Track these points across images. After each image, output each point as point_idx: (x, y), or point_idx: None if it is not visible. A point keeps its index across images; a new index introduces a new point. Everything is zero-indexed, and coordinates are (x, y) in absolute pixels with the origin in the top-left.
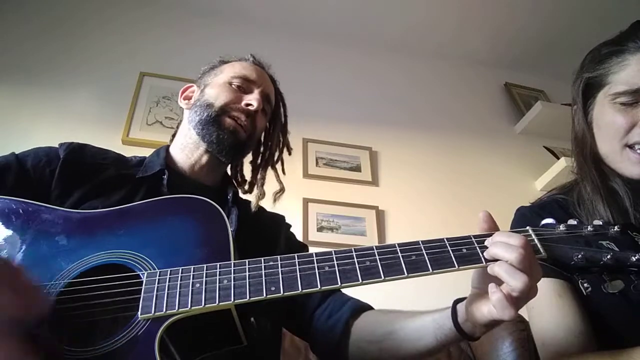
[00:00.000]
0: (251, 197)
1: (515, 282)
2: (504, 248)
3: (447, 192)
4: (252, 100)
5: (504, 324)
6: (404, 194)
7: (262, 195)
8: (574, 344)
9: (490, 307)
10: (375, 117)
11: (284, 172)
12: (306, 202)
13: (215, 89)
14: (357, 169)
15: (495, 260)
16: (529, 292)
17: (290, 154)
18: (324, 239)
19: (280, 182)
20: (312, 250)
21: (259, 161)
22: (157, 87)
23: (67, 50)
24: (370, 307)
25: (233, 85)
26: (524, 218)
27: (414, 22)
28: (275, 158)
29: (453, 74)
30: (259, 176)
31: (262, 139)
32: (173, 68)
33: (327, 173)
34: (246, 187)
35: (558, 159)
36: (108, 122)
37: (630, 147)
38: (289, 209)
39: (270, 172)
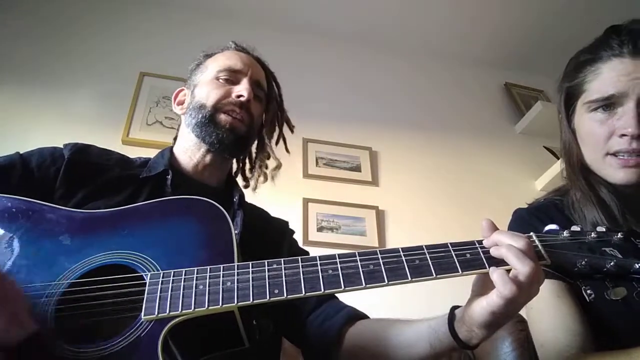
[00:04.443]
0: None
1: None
2: (518, 257)
3: (447, 192)
4: (242, 90)
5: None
6: (404, 194)
7: (262, 177)
8: (573, 344)
9: (489, 297)
10: (375, 117)
11: (287, 151)
12: (306, 202)
13: (204, 88)
14: (357, 169)
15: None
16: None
17: (292, 131)
18: (324, 239)
19: (277, 159)
20: (313, 250)
21: (257, 144)
22: (157, 87)
23: (68, 51)
24: (366, 316)
25: (220, 80)
26: (522, 220)
27: (414, 22)
28: (277, 136)
29: (453, 73)
30: (258, 159)
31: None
32: (173, 68)
33: (327, 173)
34: (250, 179)
35: (558, 159)
36: (108, 122)
37: (612, 154)
38: (289, 209)
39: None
